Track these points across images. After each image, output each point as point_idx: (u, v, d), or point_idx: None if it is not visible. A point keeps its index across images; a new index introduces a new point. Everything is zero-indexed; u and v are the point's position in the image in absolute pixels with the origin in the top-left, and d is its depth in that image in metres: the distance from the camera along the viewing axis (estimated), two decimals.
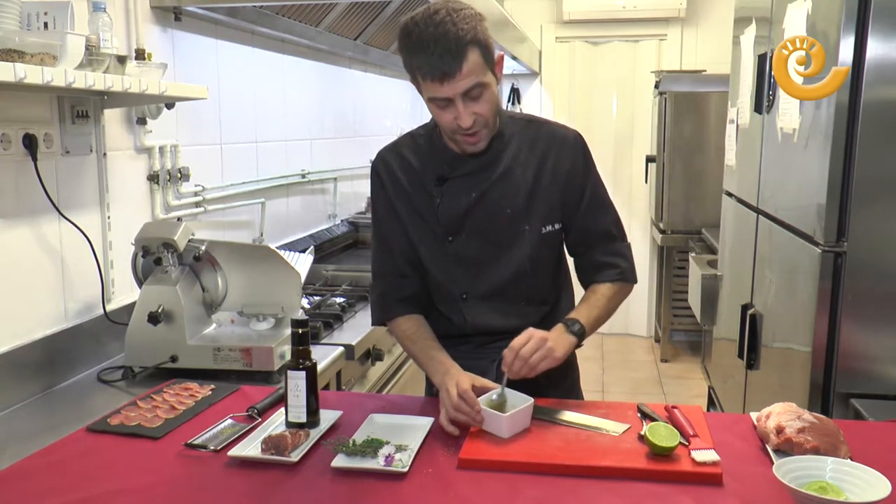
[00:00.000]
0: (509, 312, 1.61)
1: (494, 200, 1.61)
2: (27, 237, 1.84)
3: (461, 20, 1.44)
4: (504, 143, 1.62)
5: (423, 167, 1.65)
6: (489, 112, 1.52)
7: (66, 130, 1.93)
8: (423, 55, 1.44)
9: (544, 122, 1.69)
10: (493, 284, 1.64)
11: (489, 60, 1.49)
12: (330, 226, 3.70)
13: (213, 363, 1.90)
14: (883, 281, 1.83)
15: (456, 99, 1.47)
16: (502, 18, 3.87)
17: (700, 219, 4.64)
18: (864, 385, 1.86)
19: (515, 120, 1.67)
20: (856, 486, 1.19)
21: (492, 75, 1.51)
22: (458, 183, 1.62)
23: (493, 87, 1.51)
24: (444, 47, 1.41)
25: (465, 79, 1.44)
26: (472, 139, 1.55)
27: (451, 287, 1.67)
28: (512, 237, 1.62)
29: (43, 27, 1.68)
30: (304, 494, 1.26)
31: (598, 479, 1.29)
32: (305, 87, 3.39)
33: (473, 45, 1.44)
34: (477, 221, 1.62)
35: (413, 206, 1.66)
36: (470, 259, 1.64)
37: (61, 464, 1.38)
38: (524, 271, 1.63)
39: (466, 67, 1.43)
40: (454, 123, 1.51)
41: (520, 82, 5.60)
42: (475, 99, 1.48)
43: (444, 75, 1.43)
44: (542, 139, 1.64)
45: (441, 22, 1.43)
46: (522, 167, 1.62)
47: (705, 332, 3.52)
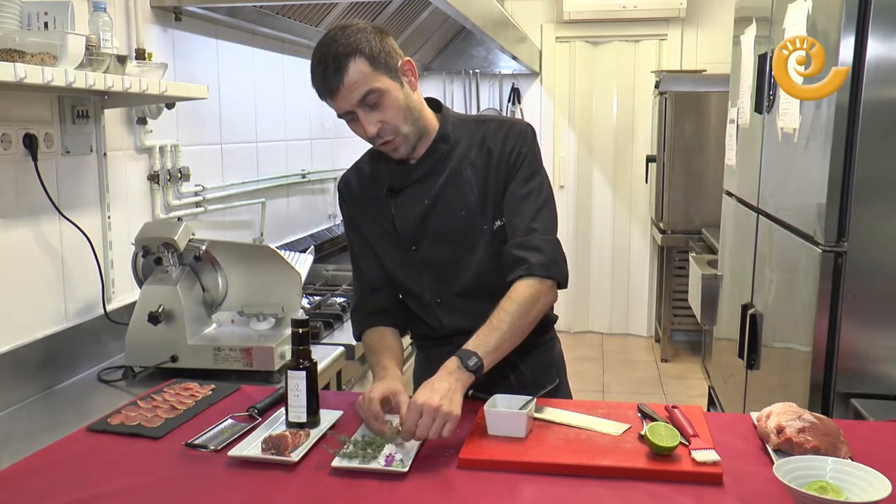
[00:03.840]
0: (481, 312, 1.56)
1: (447, 203, 1.61)
2: (27, 237, 1.84)
3: (345, 36, 1.48)
4: (450, 146, 1.62)
5: (379, 180, 1.67)
6: (394, 117, 1.51)
7: (67, 130, 1.94)
8: (313, 77, 1.51)
9: (495, 118, 1.67)
10: (463, 285, 1.64)
11: (382, 66, 1.49)
12: (330, 226, 3.70)
13: (214, 363, 1.90)
14: (883, 281, 1.83)
15: (355, 110, 1.49)
16: (502, 18, 3.87)
17: (700, 219, 4.64)
18: (864, 385, 1.86)
19: (465, 122, 1.66)
20: (856, 486, 1.19)
21: (391, 81, 1.50)
22: (410, 192, 1.63)
23: (394, 93, 1.50)
24: (325, 64, 1.47)
25: (352, 90, 1.47)
26: (387, 146, 1.56)
27: (423, 293, 1.68)
28: (472, 237, 1.62)
29: (43, 27, 1.68)
30: (304, 494, 1.26)
31: (598, 479, 1.29)
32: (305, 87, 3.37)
33: (354, 56, 1.46)
34: (434, 227, 1.62)
35: (376, 221, 1.68)
36: (435, 264, 1.65)
37: (61, 464, 1.38)
38: (488, 269, 1.62)
39: (348, 79, 1.46)
40: (364, 134, 1.53)
41: (520, 82, 5.60)
42: (374, 107, 1.49)
43: (331, 91, 1.49)
44: (490, 135, 1.62)
45: (327, 42, 1.49)
46: (473, 166, 1.61)
47: (705, 331, 3.52)
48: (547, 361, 1.76)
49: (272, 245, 2.19)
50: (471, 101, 5.51)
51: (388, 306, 1.73)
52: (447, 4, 2.55)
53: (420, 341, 1.80)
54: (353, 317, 1.77)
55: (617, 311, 5.71)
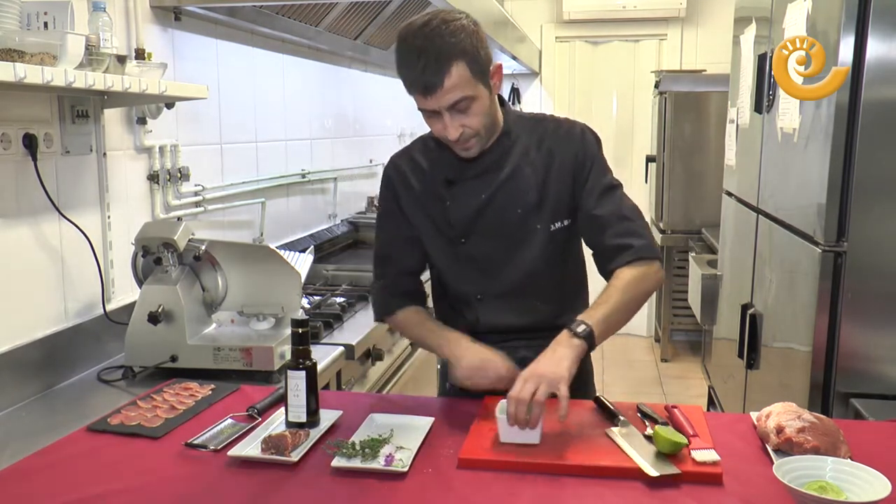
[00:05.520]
0: (523, 311, 1.60)
1: (504, 201, 1.61)
2: (27, 237, 1.84)
3: (450, 33, 1.42)
4: (511, 143, 1.62)
5: (434, 170, 1.66)
6: (478, 124, 1.51)
7: (66, 130, 1.93)
8: (407, 67, 1.45)
9: (552, 119, 1.68)
10: (508, 284, 1.65)
11: (479, 73, 1.47)
12: (330, 226, 3.70)
13: (213, 363, 1.90)
14: (883, 281, 1.83)
15: (442, 111, 1.47)
16: (502, 18, 3.87)
17: (700, 219, 4.64)
18: (864, 385, 1.86)
19: (524, 119, 1.66)
20: (856, 486, 1.19)
21: (483, 88, 1.49)
22: (467, 185, 1.62)
23: (483, 100, 1.50)
24: (427, 60, 1.41)
25: (448, 93, 1.44)
26: (461, 147, 1.55)
27: (466, 288, 1.68)
28: (523, 236, 1.62)
29: (43, 27, 1.68)
30: (304, 494, 1.26)
31: (598, 479, 1.29)
32: (305, 87, 3.39)
33: (459, 58, 1.42)
34: (488, 222, 1.62)
35: (424, 210, 1.67)
36: (483, 260, 1.65)
37: (61, 464, 1.38)
38: (537, 269, 1.63)
39: (449, 82, 1.42)
40: (443, 133, 1.51)
41: (520, 82, 5.60)
42: (462, 112, 1.48)
43: (427, 89, 1.44)
44: (549, 136, 1.63)
45: (429, 34, 1.42)
46: (532, 166, 1.61)
47: (705, 331, 3.52)
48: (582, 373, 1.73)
49: (272, 245, 2.19)
50: None
51: (415, 290, 1.73)
52: (447, 4, 2.55)
53: None
54: (381, 296, 1.74)
55: None
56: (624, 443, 1.38)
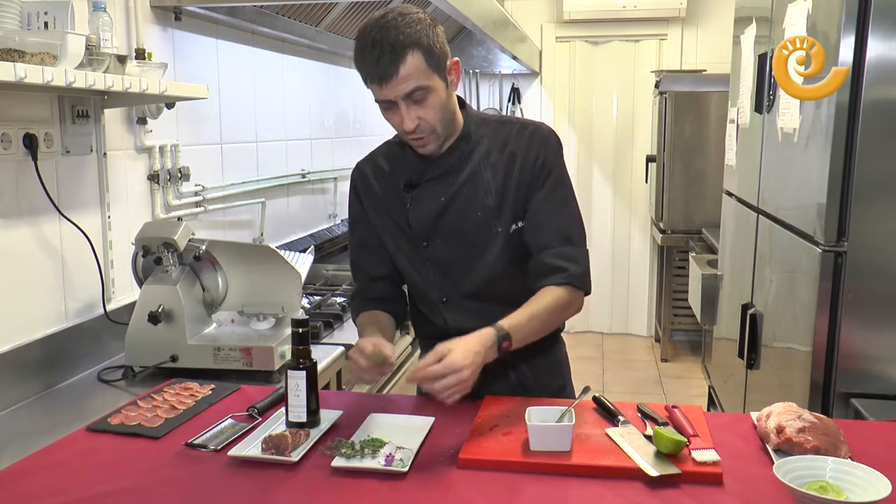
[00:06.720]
0: (489, 314, 1.56)
1: (463, 203, 1.61)
2: (27, 237, 1.84)
3: (405, 24, 1.45)
4: (472, 145, 1.62)
5: (395, 174, 1.67)
6: (434, 117, 1.51)
7: (67, 130, 1.94)
8: (363, 58, 1.47)
9: (518, 121, 1.67)
10: (471, 287, 1.65)
11: (435, 64, 1.48)
12: (330, 225, 3.70)
13: (214, 363, 1.90)
14: (883, 281, 1.83)
15: (398, 101, 1.48)
16: (502, 18, 3.87)
17: (700, 218, 4.64)
18: (864, 385, 1.86)
19: (487, 122, 1.66)
20: (856, 486, 1.19)
21: (439, 80, 1.50)
22: (427, 188, 1.62)
23: (439, 93, 1.50)
24: (382, 49, 1.44)
25: (403, 82, 1.45)
26: (418, 142, 1.56)
27: (431, 291, 1.68)
28: (485, 239, 1.62)
29: (43, 27, 1.68)
30: (304, 494, 1.26)
31: (598, 479, 1.29)
32: (305, 87, 3.39)
33: (414, 48, 1.44)
34: (448, 225, 1.62)
35: (388, 214, 1.68)
36: (446, 263, 1.65)
37: (61, 464, 1.38)
38: (499, 271, 1.63)
39: (404, 70, 1.44)
40: (400, 126, 1.52)
41: (520, 82, 5.60)
42: (418, 102, 1.49)
43: (382, 78, 1.46)
44: (513, 139, 1.62)
45: (384, 26, 1.45)
46: (492, 168, 1.61)
47: (705, 331, 3.52)
48: (552, 363, 1.75)
49: (272, 245, 2.19)
50: (471, 100, 5.50)
51: (386, 295, 1.74)
52: (447, 4, 2.55)
53: (424, 340, 1.80)
54: (352, 303, 1.79)
55: (617, 311, 5.71)
56: (624, 443, 1.38)
